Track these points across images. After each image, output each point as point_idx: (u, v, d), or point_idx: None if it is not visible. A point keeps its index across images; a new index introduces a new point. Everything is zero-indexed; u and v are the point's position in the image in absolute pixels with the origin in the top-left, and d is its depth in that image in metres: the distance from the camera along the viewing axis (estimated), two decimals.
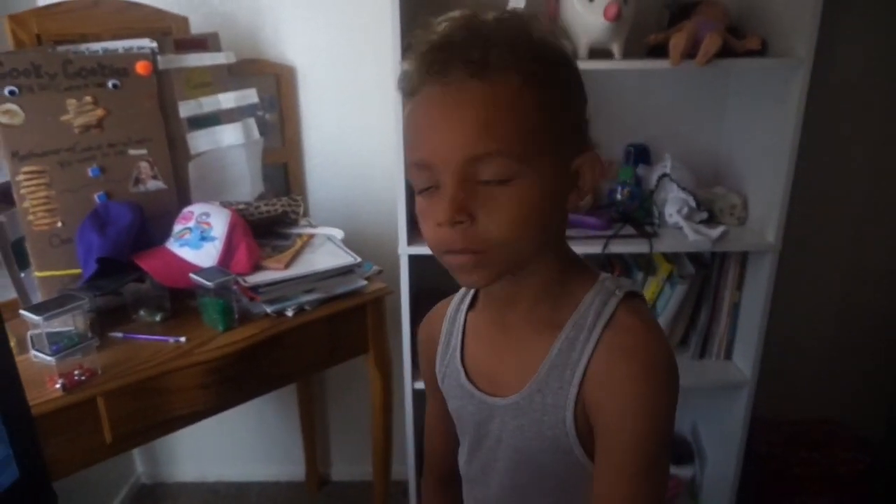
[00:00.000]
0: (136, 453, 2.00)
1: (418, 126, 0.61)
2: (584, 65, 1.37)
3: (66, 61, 1.24)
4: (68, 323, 1.08)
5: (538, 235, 0.62)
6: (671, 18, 1.55)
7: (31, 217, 1.24)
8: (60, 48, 1.28)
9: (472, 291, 0.77)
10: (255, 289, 1.29)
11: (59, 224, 1.27)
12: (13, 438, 0.78)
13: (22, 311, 1.01)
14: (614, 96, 1.67)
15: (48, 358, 1.03)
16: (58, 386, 1.04)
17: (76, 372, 1.06)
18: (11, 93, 1.18)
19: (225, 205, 1.38)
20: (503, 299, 0.69)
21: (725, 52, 1.39)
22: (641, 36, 1.48)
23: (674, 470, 1.88)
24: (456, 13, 0.61)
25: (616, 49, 1.41)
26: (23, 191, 1.22)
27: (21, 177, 1.22)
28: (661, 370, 0.62)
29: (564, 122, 0.63)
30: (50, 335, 1.05)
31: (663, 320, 1.64)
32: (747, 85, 1.58)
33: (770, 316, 1.54)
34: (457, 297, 0.80)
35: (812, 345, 1.92)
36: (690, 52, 1.34)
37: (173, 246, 1.29)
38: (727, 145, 1.68)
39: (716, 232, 1.47)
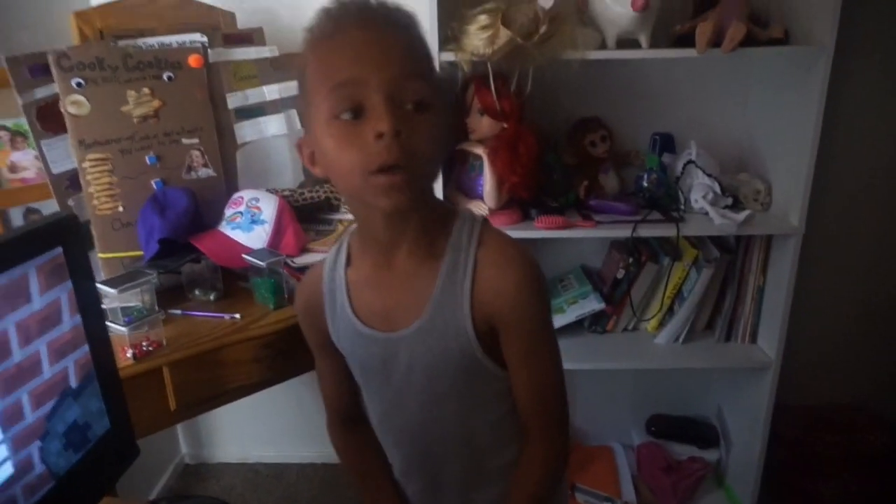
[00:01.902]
0: (181, 435, 2.08)
1: (344, 56, 0.70)
2: (612, 54, 1.46)
3: (126, 55, 1.32)
4: (136, 298, 1.16)
5: (439, 165, 0.76)
6: (696, 8, 1.61)
7: (95, 202, 1.32)
8: (121, 42, 1.36)
9: (343, 252, 0.87)
10: (302, 270, 1.36)
11: (120, 209, 1.35)
12: (105, 394, 0.86)
13: (99, 285, 1.08)
14: (639, 86, 1.73)
15: (121, 328, 1.10)
16: (129, 355, 1.11)
17: (144, 343, 1.14)
18: (78, 84, 1.26)
19: (272, 191, 1.45)
20: (388, 241, 0.79)
21: (749, 40, 1.45)
22: (667, 25, 1.54)
23: (699, 453, 1.94)
24: None
25: (643, 39, 1.47)
26: (88, 177, 1.30)
27: (87, 164, 1.30)
28: (531, 273, 0.79)
29: (443, 88, 0.80)
30: (122, 310, 1.12)
31: (689, 304, 1.69)
32: (771, 73, 1.63)
33: (795, 300, 1.59)
34: (328, 261, 0.89)
35: (837, 329, 1.96)
36: (715, 41, 1.40)
37: (226, 229, 1.37)
38: (752, 133, 1.73)
39: (741, 216, 1.52)
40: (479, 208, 1.55)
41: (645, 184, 1.68)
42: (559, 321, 1.70)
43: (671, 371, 1.94)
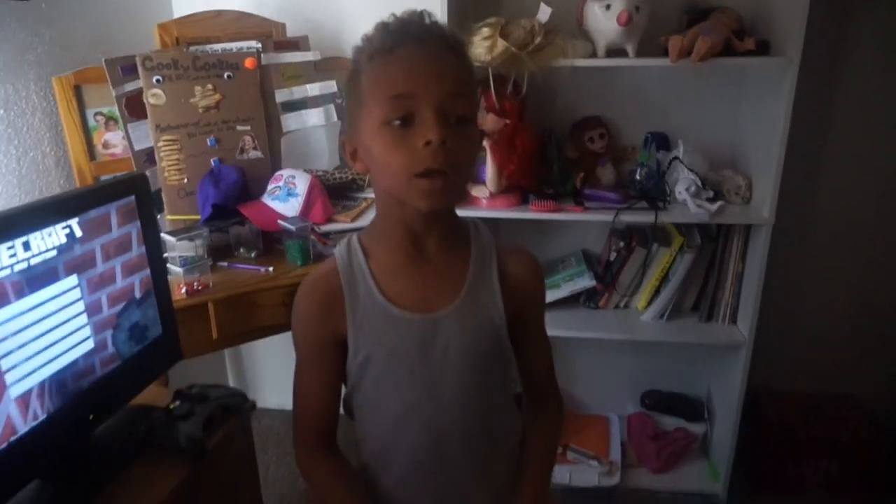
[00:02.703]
0: (231, 381, 2.43)
1: (401, 70, 0.77)
2: (599, 62, 1.67)
3: (195, 58, 1.65)
4: (191, 248, 1.48)
5: (473, 171, 0.91)
6: (689, 22, 1.79)
7: (166, 174, 1.65)
8: (192, 48, 1.69)
9: (355, 248, 0.89)
10: (326, 235, 1.64)
11: (185, 180, 1.68)
12: (160, 307, 1.17)
13: (164, 235, 1.41)
14: (638, 90, 1.92)
15: (178, 270, 1.42)
16: (183, 291, 1.43)
17: (195, 283, 1.45)
18: (157, 81, 1.60)
19: (307, 171, 1.75)
20: (420, 233, 0.86)
21: (728, 51, 1.62)
22: (660, 37, 1.73)
23: (687, 426, 2.10)
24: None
25: (630, 49, 1.67)
26: (161, 154, 1.64)
27: (161, 143, 1.63)
28: (541, 268, 0.97)
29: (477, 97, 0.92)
30: (180, 257, 1.45)
31: (672, 285, 1.88)
32: (755, 80, 1.79)
33: (789, 289, 1.73)
34: (339, 257, 0.89)
35: (828, 320, 2.08)
36: (689, 52, 1.58)
37: (267, 200, 1.68)
38: (739, 134, 1.89)
39: (714, 206, 1.70)
40: (482, 192, 1.80)
41: (637, 177, 1.87)
42: (555, 295, 1.93)
43: (666, 349, 2.12)
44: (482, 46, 1.61)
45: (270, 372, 2.43)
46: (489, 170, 1.77)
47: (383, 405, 0.90)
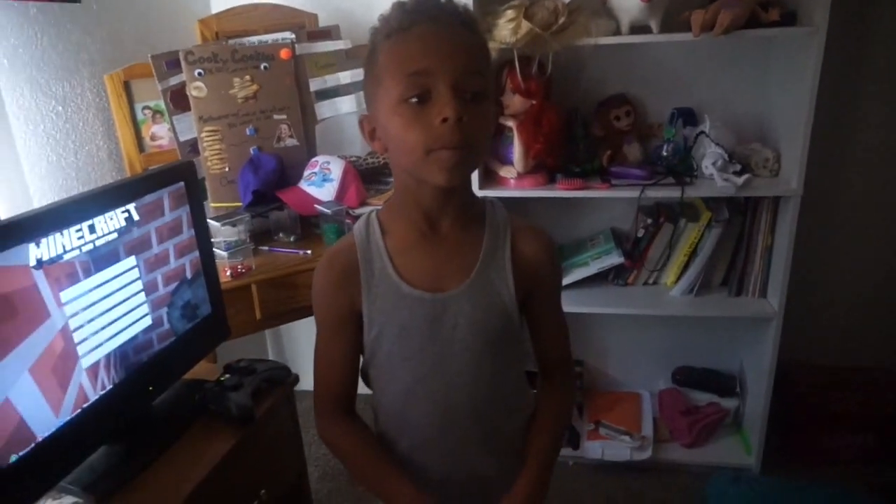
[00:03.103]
0: (271, 357, 2.54)
1: (418, 47, 0.79)
2: (625, 39, 1.69)
3: (233, 50, 1.72)
4: (235, 234, 1.56)
5: (488, 147, 0.87)
6: None
7: (209, 163, 1.74)
8: (230, 41, 1.77)
9: (374, 225, 0.91)
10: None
11: (227, 169, 1.77)
12: (208, 286, 1.25)
13: (209, 220, 1.49)
14: (663, 66, 1.93)
15: (223, 253, 1.51)
16: (227, 274, 1.51)
17: (239, 266, 1.54)
18: (199, 74, 1.68)
19: (341, 157, 1.82)
20: (435, 211, 0.87)
21: (753, 23, 1.62)
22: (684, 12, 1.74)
23: (719, 400, 2.13)
24: None
25: (654, 25, 1.68)
26: (204, 144, 1.73)
27: (204, 134, 1.72)
28: (556, 249, 0.97)
29: (491, 79, 0.92)
30: (224, 241, 1.53)
31: (700, 260, 1.90)
32: (781, 51, 1.78)
33: (816, 261, 1.73)
34: (357, 234, 0.91)
35: (858, 290, 2.07)
36: (712, 26, 1.59)
37: (303, 185, 1.75)
38: (766, 107, 1.89)
39: (741, 179, 1.71)
40: (509, 172, 1.84)
41: (664, 153, 1.89)
42: (583, 273, 1.97)
43: (697, 325, 2.14)
44: (506, 28, 1.65)
45: (310, 354, 2.53)
46: (516, 150, 1.81)
47: (395, 378, 0.93)
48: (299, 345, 2.51)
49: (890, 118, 1.90)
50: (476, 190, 1.84)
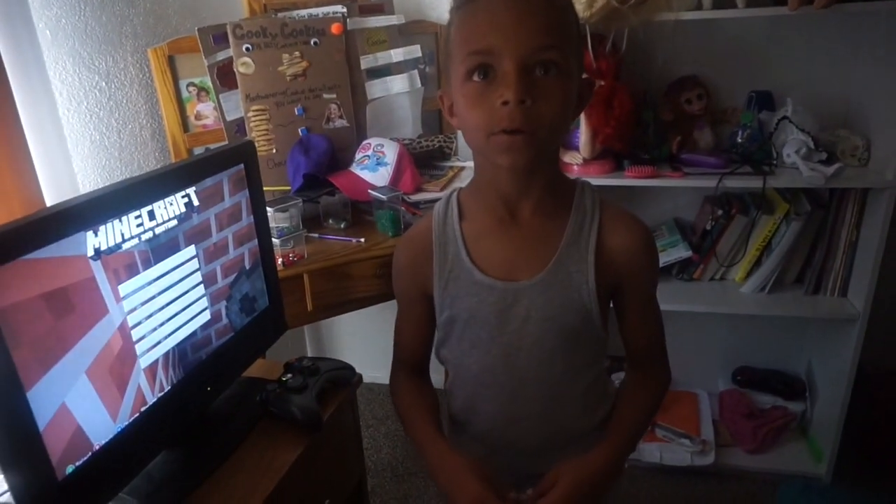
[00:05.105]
0: (309, 351, 2.45)
1: (483, 22, 0.74)
2: (706, 14, 1.55)
3: (283, 24, 1.61)
4: (286, 221, 1.46)
5: (564, 128, 0.81)
6: None
7: (256, 145, 1.64)
8: (280, 14, 1.66)
9: (453, 207, 0.89)
10: (416, 205, 1.61)
11: (274, 150, 1.66)
12: (266, 278, 1.15)
13: None
14: (741, 45, 1.79)
15: (275, 241, 1.40)
16: (279, 262, 1.42)
17: (291, 254, 1.44)
18: (247, 49, 1.58)
19: (394, 139, 1.71)
20: (514, 195, 0.83)
21: None
22: None
23: (784, 404, 2.01)
24: None
25: None
26: (251, 124, 1.62)
27: (251, 113, 1.61)
28: (651, 235, 0.90)
29: (580, 45, 0.83)
30: (276, 227, 1.43)
31: (776, 255, 1.77)
32: (876, 28, 1.64)
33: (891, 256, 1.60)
34: (436, 215, 0.91)
35: None
36: None
37: (356, 169, 1.65)
38: (856, 90, 1.74)
39: (830, 169, 1.57)
40: (574, 158, 1.72)
41: (739, 139, 1.76)
42: None
43: (761, 323, 2.01)
44: (581, 2, 1.52)
45: (350, 342, 2.44)
46: (583, 134, 1.69)
47: (465, 364, 0.92)
48: (340, 338, 2.42)
49: None
50: None
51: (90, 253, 0.78)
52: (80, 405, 0.78)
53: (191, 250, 0.95)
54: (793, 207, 1.73)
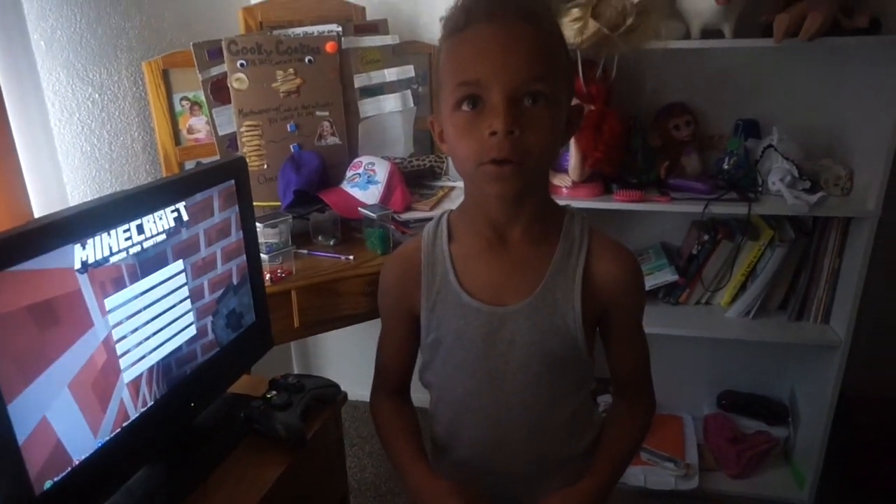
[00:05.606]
0: (295, 368, 2.44)
1: (470, 53, 0.74)
2: (694, 44, 1.59)
3: (278, 41, 1.63)
4: (275, 236, 1.46)
5: (553, 156, 0.81)
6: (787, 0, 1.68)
7: (247, 160, 1.64)
8: (275, 31, 1.67)
9: (443, 228, 0.89)
10: (406, 223, 1.61)
11: (265, 166, 1.67)
12: (254, 293, 1.15)
13: None
14: (728, 74, 1.82)
15: (263, 256, 1.40)
16: (267, 278, 1.41)
17: (279, 270, 1.44)
18: (241, 65, 1.59)
19: (386, 158, 1.72)
20: (503, 221, 0.84)
21: (836, 29, 1.52)
22: (757, 16, 1.63)
23: (768, 429, 2.01)
24: None
25: (727, 30, 1.58)
26: (243, 139, 1.63)
27: (243, 128, 1.62)
28: (638, 265, 0.91)
29: (569, 72, 0.84)
30: (265, 243, 1.43)
31: (761, 281, 1.79)
32: (861, 62, 1.68)
33: (882, 287, 1.62)
34: (425, 236, 0.90)
35: None
36: (795, 30, 1.49)
37: (346, 186, 1.65)
38: (840, 120, 1.78)
39: (814, 197, 1.60)
40: (564, 181, 1.74)
41: (725, 166, 1.79)
42: None
43: (745, 348, 2.03)
44: (572, 28, 1.54)
45: (336, 361, 2.43)
46: (572, 157, 1.71)
47: (449, 387, 0.92)
48: (326, 355, 2.41)
49: None
50: None
51: (77, 266, 0.78)
52: (61, 419, 0.77)
53: (179, 265, 0.95)
54: (777, 234, 1.76)
